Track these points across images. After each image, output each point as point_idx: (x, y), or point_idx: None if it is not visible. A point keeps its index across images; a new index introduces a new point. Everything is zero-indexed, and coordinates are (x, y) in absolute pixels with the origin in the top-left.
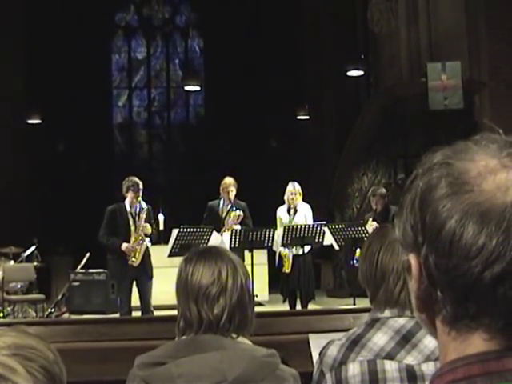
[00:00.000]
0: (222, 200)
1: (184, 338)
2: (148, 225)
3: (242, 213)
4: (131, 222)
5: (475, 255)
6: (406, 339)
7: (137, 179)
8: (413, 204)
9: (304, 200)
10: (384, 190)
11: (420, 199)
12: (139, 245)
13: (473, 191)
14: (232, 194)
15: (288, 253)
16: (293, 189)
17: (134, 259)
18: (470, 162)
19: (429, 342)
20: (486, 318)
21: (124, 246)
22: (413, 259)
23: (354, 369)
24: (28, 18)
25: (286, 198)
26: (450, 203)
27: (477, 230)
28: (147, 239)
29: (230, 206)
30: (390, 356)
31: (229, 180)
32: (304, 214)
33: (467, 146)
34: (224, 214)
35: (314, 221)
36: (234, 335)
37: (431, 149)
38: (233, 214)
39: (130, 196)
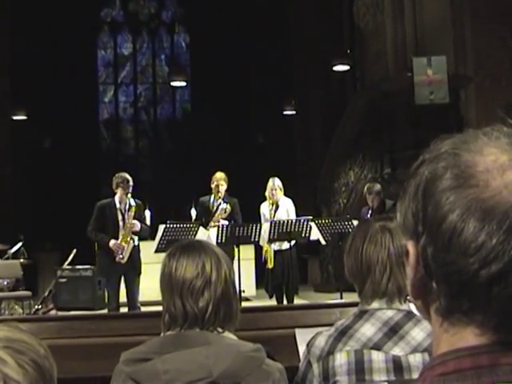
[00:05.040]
0: (212, 195)
1: (169, 333)
2: (137, 222)
3: (228, 206)
4: (120, 218)
5: (473, 252)
6: (393, 331)
7: (127, 175)
8: (416, 191)
9: (289, 195)
10: (379, 187)
11: (424, 188)
12: (127, 243)
13: (478, 186)
14: (222, 189)
15: (270, 248)
16: (272, 185)
17: (121, 256)
18: (479, 154)
19: (416, 334)
20: (479, 314)
21: (112, 243)
22: (411, 247)
23: (340, 358)
24: (13, 14)
25: (267, 194)
26: (453, 196)
27: (478, 227)
28: (136, 238)
29: (219, 201)
30: (377, 347)
31: (219, 174)
32: (286, 209)
33: (477, 136)
34: (214, 209)
35: (300, 216)
36: (220, 329)
37: (440, 136)
38: (220, 207)
39: (119, 192)
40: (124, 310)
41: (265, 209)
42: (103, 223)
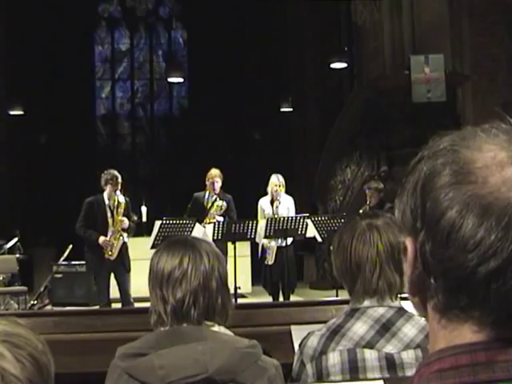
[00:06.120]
0: (207, 192)
1: (164, 329)
2: (126, 219)
3: (224, 203)
4: (109, 215)
5: (472, 249)
6: (385, 328)
7: (116, 172)
8: (415, 188)
9: (287, 192)
10: (380, 185)
11: (422, 184)
12: (116, 240)
13: (477, 183)
14: (217, 185)
15: (273, 245)
16: (277, 181)
17: (110, 253)
18: (477, 151)
19: (408, 331)
20: (477, 311)
21: (101, 239)
22: (409, 243)
23: (334, 358)
24: (9, 9)
25: (269, 190)
26: (452, 193)
27: (476, 224)
28: (125, 235)
29: (214, 197)
30: (370, 345)
31: (214, 171)
32: (287, 207)
33: (475, 133)
34: (209, 206)
35: (297, 213)
36: (209, 323)
37: (439, 133)
38: (215, 204)
39: (108, 189)
40: (117, 305)
41: (265, 204)
42: (92, 220)
